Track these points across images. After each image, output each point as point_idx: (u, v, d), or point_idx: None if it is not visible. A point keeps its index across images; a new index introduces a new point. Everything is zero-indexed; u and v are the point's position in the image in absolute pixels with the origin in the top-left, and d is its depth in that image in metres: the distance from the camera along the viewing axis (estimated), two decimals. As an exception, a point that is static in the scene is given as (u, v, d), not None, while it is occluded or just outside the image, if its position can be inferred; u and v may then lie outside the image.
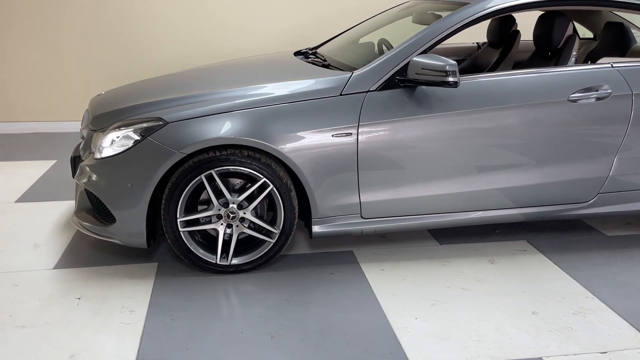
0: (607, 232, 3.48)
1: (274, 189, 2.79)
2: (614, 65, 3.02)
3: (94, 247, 3.18)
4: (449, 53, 4.26)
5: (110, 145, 2.80)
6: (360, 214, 2.93)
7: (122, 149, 2.75)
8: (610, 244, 3.31)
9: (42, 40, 5.61)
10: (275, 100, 2.78)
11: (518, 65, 3.95)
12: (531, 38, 3.82)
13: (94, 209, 3.01)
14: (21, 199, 3.88)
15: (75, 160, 3.13)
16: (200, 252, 2.85)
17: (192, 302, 2.65)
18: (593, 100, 2.95)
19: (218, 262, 2.87)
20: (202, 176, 2.73)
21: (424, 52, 2.86)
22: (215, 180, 2.74)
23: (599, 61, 3.13)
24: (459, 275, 2.93)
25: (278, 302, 2.66)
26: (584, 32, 4.47)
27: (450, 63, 2.65)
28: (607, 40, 3.75)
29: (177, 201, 2.75)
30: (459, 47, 4.42)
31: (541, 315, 2.58)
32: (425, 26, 3.66)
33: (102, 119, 2.97)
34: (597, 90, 2.95)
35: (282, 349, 2.32)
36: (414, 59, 2.75)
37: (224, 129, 2.71)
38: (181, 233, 2.80)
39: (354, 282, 2.85)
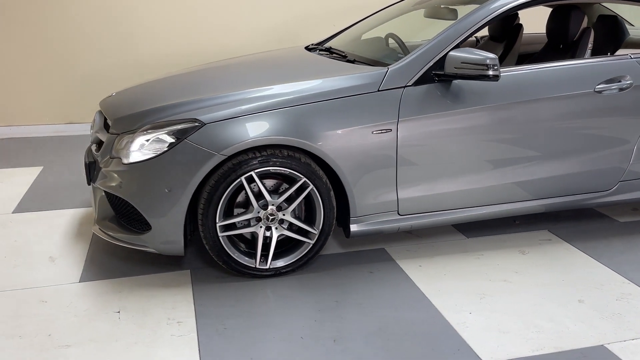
0: (619, 218, 3.58)
1: (314, 188, 2.72)
2: (633, 56, 3.11)
3: (116, 256, 3.02)
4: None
5: (139, 149, 2.66)
6: (397, 210, 2.90)
7: (155, 153, 2.61)
8: (626, 230, 3.42)
9: (14, 41, 5.29)
10: (314, 97, 2.71)
11: (523, 58, 4.02)
12: (530, 31, 3.90)
13: (120, 216, 2.85)
14: (18, 210, 3.64)
15: (91, 166, 2.95)
16: (237, 256, 2.75)
17: (238, 309, 2.56)
18: (616, 90, 3.03)
19: (257, 266, 2.78)
20: (243, 178, 2.63)
21: (457, 46, 2.86)
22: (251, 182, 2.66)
23: (617, 53, 3.21)
24: (496, 268, 2.95)
25: (328, 305, 2.60)
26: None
27: (490, 57, 2.65)
28: (601, 34, 3.84)
29: (217, 205, 2.64)
30: (458, 42, 4.44)
31: (587, 303, 2.63)
32: (438, 20, 3.70)
33: (126, 122, 2.81)
34: (619, 81, 3.03)
35: (348, 352, 2.27)
36: (451, 53, 2.74)
37: (265, 128, 2.62)
38: (220, 238, 2.69)
39: (396, 279, 2.82)
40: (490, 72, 2.65)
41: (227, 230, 2.71)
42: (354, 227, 2.86)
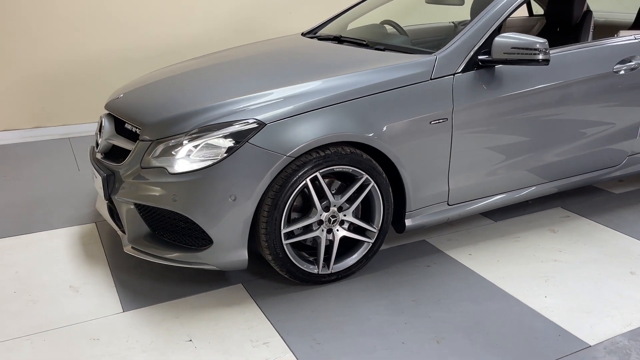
0: (613, 190, 3.81)
1: (375, 185, 2.60)
2: (637, 37, 3.28)
3: (149, 278, 2.69)
4: (428, 33, 4.29)
5: (187, 156, 2.37)
6: (448, 201, 2.85)
7: (211, 159, 2.34)
8: (626, 200, 3.64)
9: None
10: (370, 90, 2.57)
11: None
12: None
13: (161, 233, 2.54)
14: (-5, 234, 3.14)
15: (109, 179, 2.60)
16: (299, 263, 2.56)
17: (319, 320, 2.38)
18: (628, 70, 3.18)
19: (320, 272, 2.60)
20: (308, 179, 2.43)
21: (497, 29, 2.84)
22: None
23: (620, 34, 3.37)
24: (539, 248, 3.01)
25: (407, 304, 2.50)
26: (537, 9, 4.78)
27: (540, 41, 2.66)
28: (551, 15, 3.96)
29: (282, 211, 2.42)
30: (437, 27, 4.47)
31: (639, 274, 2.75)
32: (440, 5, 3.67)
33: (161, 127, 2.49)
34: (630, 62, 3.18)
35: (458, 352, 2.19)
36: (498, 39, 2.71)
37: (329, 125, 2.44)
38: (284, 246, 2.48)
39: (455, 271, 2.78)
40: (541, 57, 2.66)
41: (290, 237, 2.51)
42: (408, 222, 2.77)
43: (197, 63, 3.27)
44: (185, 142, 2.40)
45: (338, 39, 3.39)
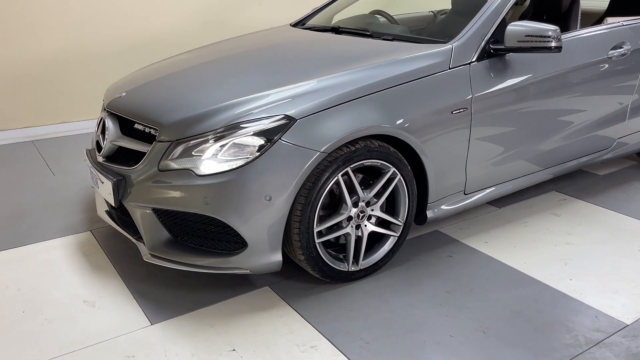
0: (597, 172, 3.95)
1: (401, 178, 2.56)
2: (624, 23, 3.40)
3: (169, 286, 2.55)
4: (409, 22, 4.29)
5: (214, 156, 2.25)
6: (464, 190, 2.86)
7: (241, 159, 2.22)
8: (612, 181, 3.78)
9: None
10: (394, 81, 2.52)
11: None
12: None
13: (185, 238, 2.40)
14: (-19, 250, 2.88)
15: (119, 184, 2.44)
16: (331, 262, 2.49)
17: (360, 319, 2.32)
18: (620, 56, 3.29)
19: (350, 269, 2.54)
20: (340, 175, 2.37)
21: (504, 18, 2.86)
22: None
23: (608, 20, 3.47)
24: (548, 232, 3.07)
25: (442, 297, 2.48)
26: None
27: (552, 28, 2.69)
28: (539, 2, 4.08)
29: (315, 208, 2.34)
30: (416, 17, 4.47)
31: (649, 252, 2.87)
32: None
33: (183, 127, 2.34)
34: (621, 48, 3.29)
35: (505, 340, 2.19)
36: (510, 27, 2.72)
37: (360, 118, 2.38)
38: (317, 245, 2.40)
39: (477, 259, 2.79)
40: (553, 44, 2.69)
41: (321, 235, 2.43)
42: (429, 213, 2.76)
43: (196, 57, 3.11)
44: (211, 141, 2.27)
45: (336, 30, 3.32)
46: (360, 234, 2.54)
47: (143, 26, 4.99)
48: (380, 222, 2.61)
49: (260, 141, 2.24)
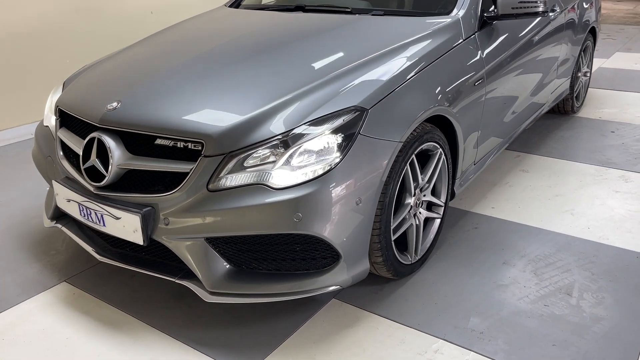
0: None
1: (444, 158, 2.47)
2: (548, -14, 3.67)
3: (224, 326, 2.15)
4: None
5: (287, 165, 1.92)
6: (474, 160, 2.87)
7: (322, 162, 1.92)
8: (541, 133, 4.13)
9: None
10: (427, 59, 2.39)
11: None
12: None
13: (254, 266, 2.03)
14: None
15: (147, 217, 1.98)
16: (400, 257, 2.33)
17: (452, 309, 2.21)
18: (553, 16, 3.55)
19: (413, 260, 2.40)
20: (408, 164, 2.20)
21: (488, -13, 2.88)
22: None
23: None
24: (533, 188, 3.24)
25: (505, 270, 2.46)
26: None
27: (538, -7, 2.79)
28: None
29: (392, 203, 2.15)
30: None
31: (628, 187, 3.19)
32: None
33: (237, 136, 1.94)
34: (555, 10, 3.56)
35: (594, 300, 2.26)
36: (503, -6, 2.76)
37: (417, 101, 2.23)
38: (392, 243, 2.22)
39: (500, 225, 2.84)
40: (541, 8, 2.79)
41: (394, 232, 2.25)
42: (457, 189, 2.72)
43: (171, 50, 2.60)
44: (279, 148, 1.93)
45: (302, 9, 3.04)
46: (417, 222, 2.40)
47: (5, 18, 4.06)
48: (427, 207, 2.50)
49: (338, 139, 1.96)
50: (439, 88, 2.35)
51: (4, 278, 2.49)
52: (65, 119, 2.40)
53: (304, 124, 1.96)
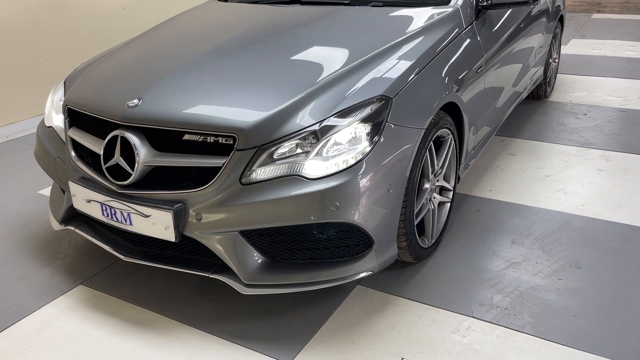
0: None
1: (454, 143, 2.56)
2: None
3: (257, 318, 2.17)
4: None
5: (319, 155, 1.95)
6: (474, 145, 2.97)
7: (356, 151, 1.96)
8: (519, 117, 4.29)
9: None
10: (437, 47, 2.46)
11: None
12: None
13: (283, 257, 2.06)
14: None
15: (179, 214, 1.98)
16: (421, 242, 2.40)
17: (474, 288, 2.29)
18: (536, 4, 3.70)
19: (430, 244, 2.48)
20: (427, 150, 2.27)
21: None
22: None
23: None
24: (523, 170, 3.38)
25: (514, 249, 2.57)
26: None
27: (529, -18, 2.91)
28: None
29: (416, 190, 2.22)
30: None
31: (610, 165, 3.37)
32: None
33: (269, 128, 1.96)
34: (533, -3, 3.70)
35: (600, 273, 2.40)
36: (498, -16, 2.86)
37: (434, 89, 2.30)
38: (415, 229, 2.29)
39: (502, 207, 2.95)
40: (532, -4, 2.91)
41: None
42: (461, 174, 2.81)
43: (178, 44, 2.58)
44: (310, 138, 1.96)
45: (298, 1, 3.06)
46: (433, 207, 2.47)
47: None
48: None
49: (367, 128, 2.00)
50: (450, 76, 2.43)
51: (16, 285, 2.42)
52: (76, 118, 2.35)
53: (333, 115, 2.00)
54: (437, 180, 2.49)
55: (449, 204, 2.64)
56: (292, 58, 2.33)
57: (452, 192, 2.64)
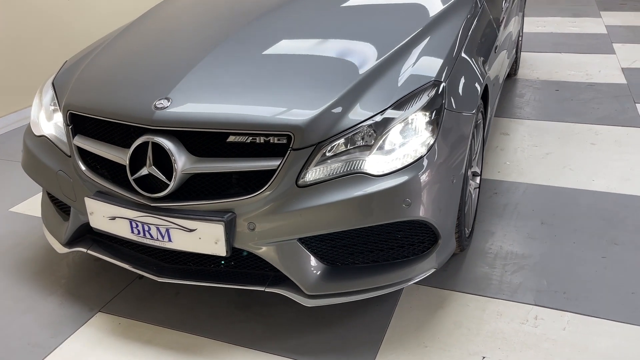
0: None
1: (482, 125, 2.48)
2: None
3: (320, 328, 2.00)
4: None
5: (381, 149, 1.81)
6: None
7: (418, 143, 1.83)
8: (503, 96, 4.30)
9: None
10: (465, 30, 2.35)
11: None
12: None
13: (350, 261, 1.90)
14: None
15: (230, 226, 1.79)
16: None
17: (526, 274, 2.23)
18: (513, -17, 3.69)
19: (469, 233, 2.40)
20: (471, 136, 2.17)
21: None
22: None
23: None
24: (522, 149, 3.38)
25: (548, 232, 2.54)
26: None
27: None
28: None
29: (467, 179, 2.11)
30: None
31: (601, 138, 3.43)
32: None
33: (325, 124, 1.78)
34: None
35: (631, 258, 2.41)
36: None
37: (474, 71, 2.19)
38: (464, 218, 2.19)
39: (514, 188, 2.92)
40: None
41: (459, 206, 2.21)
42: (476, 158, 2.75)
43: (207, 33, 2.30)
44: (370, 132, 1.80)
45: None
46: (472, 193, 2.39)
47: None
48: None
49: (427, 117, 1.87)
50: (483, 56, 2.34)
51: (22, 320, 2.10)
52: (81, 124, 2.05)
53: (390, 106, 1.84)
54: (471, 167, 2.40)
55: (477, 189, 2.56)
56: (328, 45, 2.14)
57: (479, 177, 2.56)
